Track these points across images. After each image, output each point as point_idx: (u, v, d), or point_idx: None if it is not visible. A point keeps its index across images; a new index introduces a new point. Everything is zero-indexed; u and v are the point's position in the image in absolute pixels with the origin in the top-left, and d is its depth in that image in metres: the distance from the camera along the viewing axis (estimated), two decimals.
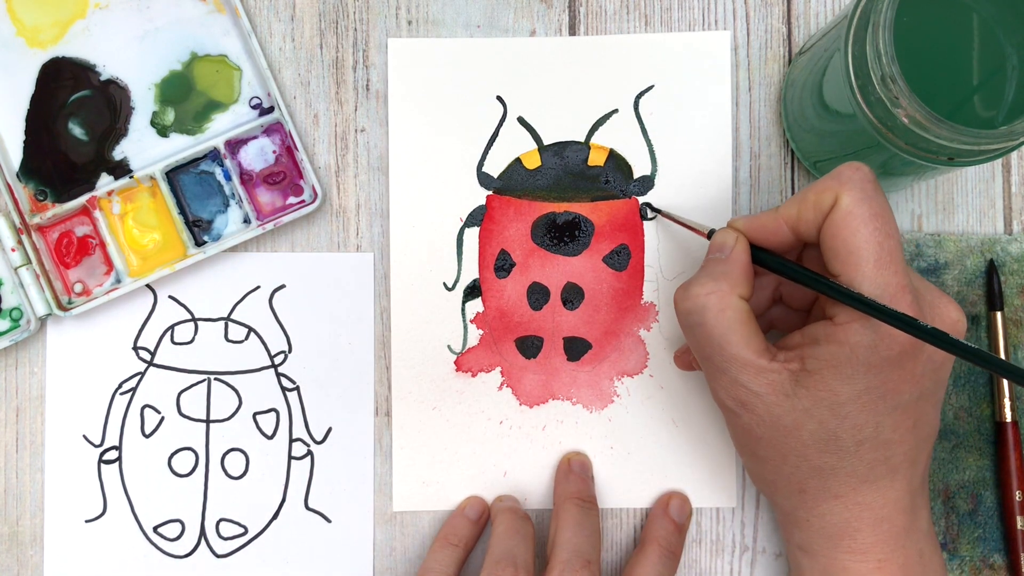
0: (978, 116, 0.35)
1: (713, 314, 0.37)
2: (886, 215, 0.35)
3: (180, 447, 0.45)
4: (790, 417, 0.36)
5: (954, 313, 0.37)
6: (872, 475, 0.37)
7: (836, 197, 0.36)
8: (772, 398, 0.36)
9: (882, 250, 0.35)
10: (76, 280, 0.45)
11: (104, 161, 0.45)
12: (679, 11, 0.46)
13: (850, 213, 0.35)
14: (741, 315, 0.37)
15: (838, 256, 0.35)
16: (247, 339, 0.46)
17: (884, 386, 0.35)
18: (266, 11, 0.46)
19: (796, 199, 0.37)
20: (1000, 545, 0.45)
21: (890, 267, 0.35)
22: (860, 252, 0.35)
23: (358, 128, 0.46)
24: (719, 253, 0.39)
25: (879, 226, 0.35)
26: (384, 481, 0.45)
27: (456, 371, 0.46)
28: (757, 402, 0.37)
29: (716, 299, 0.37)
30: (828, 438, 0.36)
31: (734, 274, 0.38)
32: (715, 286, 0.37)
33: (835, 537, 0.38)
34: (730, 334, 0.37)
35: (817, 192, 0.36)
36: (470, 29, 0.46)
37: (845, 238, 0.35)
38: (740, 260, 0.38)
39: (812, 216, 0.36)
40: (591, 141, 0.46)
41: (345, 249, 0.46)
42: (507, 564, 0.40)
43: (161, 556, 0.45)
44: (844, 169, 0.36)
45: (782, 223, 0.38)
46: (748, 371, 0.36)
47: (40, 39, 0.46)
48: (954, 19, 0.35)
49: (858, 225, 0.35)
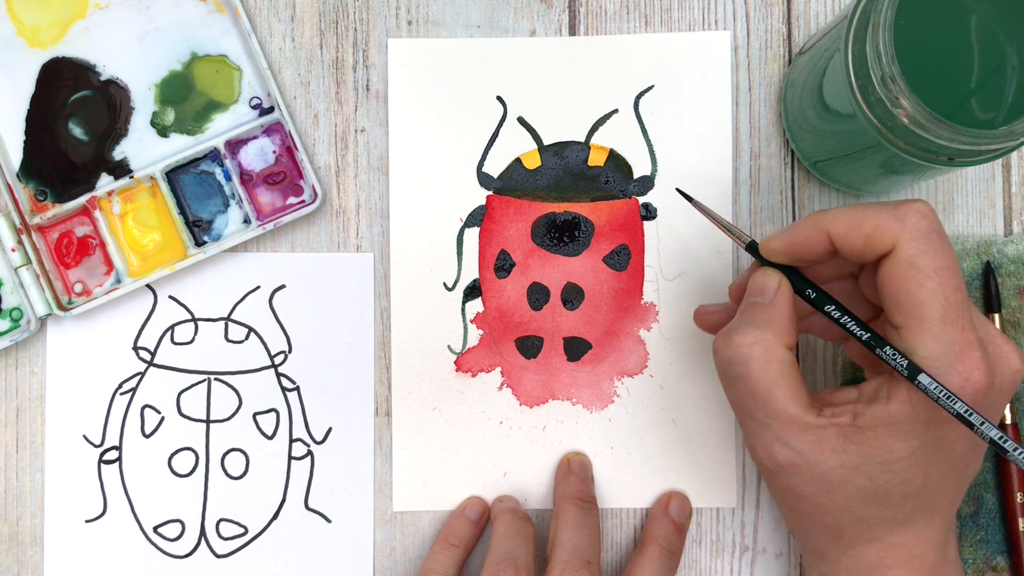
0: (978, 116, 0.35)
1: (758, 366, 0.35)
2: (952, 267, 0.33)
3: (180, 447, 0.45)
4: (836, 474, 0.35)
5: (1015, 363, 0.35)
6: (911, 518, 0.36)
7: (896, 243, 0.33)
8: (817, 456, 0.35)
9: (948, 305, 0.33)
10: (76, 280, 0.45)
11: (104, 161, 0.45)
12: (679, 11, 0.46)
13: (913, 266, 0.33)
14: (787, 368, 0.35)
15: (900, 307, 0.33)
16: (247, 339, 0.46)
17: (939, 441, 0.34)
18: (266, 11, 0.46)
19: (848, 218, 0.34)
20: (1003, 547, 0.45)
21: (956, 323, 0.33)
22: (924, 307, 0.33)
23: (358, 128, 0.46)
24: (760, 297, 0.36)
25: (945, 280, 0.33)
26: (384, 481, 0.45)
27: (456, 371, 0.46)
28: (800, 461, 0.35)
29: (761, 350, 0.35)
30: (876, 491, 0.35)
31: (779, 322, 0.35)
32: (760, 335, 0.35)
33: (865, 574, 0.37)
34: (776, 389, 0.35)
35: (875, 227, 0.34)
36: (470, 29, 0.46)
37: (909, 290, 0.33)
38: (784, 306, 0.36)
39: (861, 248, 0.34)
40: (591, 141, 0.46)
41: (345, 249, 0.46)
42: (508, 565, 0.40)
43: (161, 556, 0.45)
44: (910, 214, 0.33)
45: (826, 238, 0.35)
46: (793, 428, 0.35)
47: (40, 39, 0.46)
48: (954, 19, 0.35)
49: (922, 279, 0.33)
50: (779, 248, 0.36)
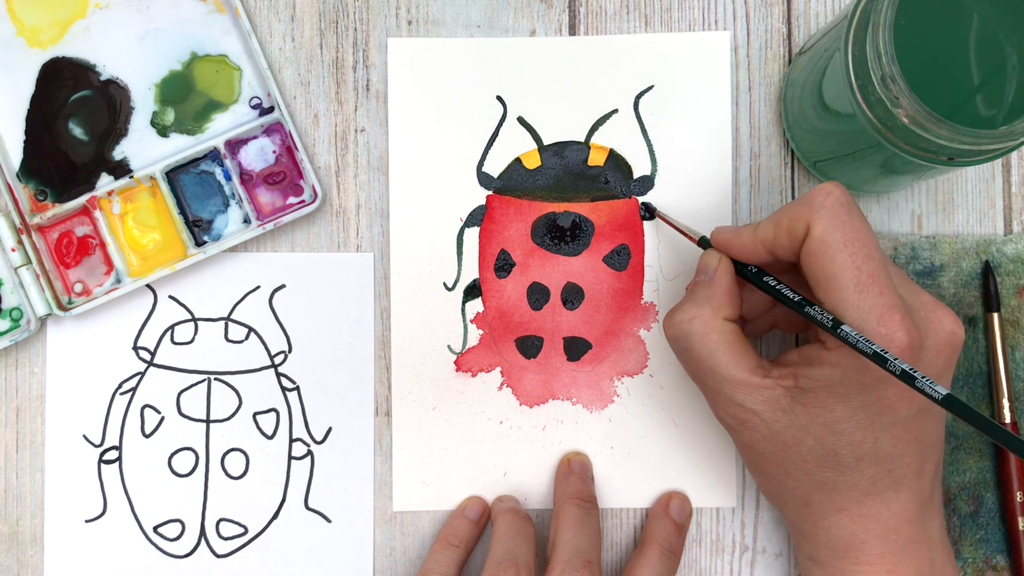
0: (978, 116, 0.35)
1: (698, 339, 0.38)
2: (862, 237, 0.35)
3: (180, 447, 0.45)
4: (789, 432, 0.37)
5: (949, 324, 0.36)
6: (875, 488, 0.37)
7: (808, 225, 0.35)
8: (769, 414, 0.37)
9: (861, 274, 0.34)
10: (76, 280, 0.45)
11: (104, 161, 0.45)
12: (679, 11, 0.46)
13: (823, 241, 0.35)
14: (727, 336, 0.38)
15: (819, 284, 0.35)
16: (247, 339, 0.46)
17: (879, 403, 0.35)
18: (266, 11, 0.46)
19: (772, 222, 0.37)
20: (1002, 546, 0.45)
21: (872, 289, 0.34)
22: (838, 279, 0.35)
23: (358, 128, 0.46)
24: (703, 276, 0.39)
25: (856, 250, 0.35)
26: (384, 481, 0.45)
27: (456, 371, 0.46)
28: (755, 419, 0.37)
29: (699, 324, 0.38)
30: (827, 454, 0.36)
31: (716, 297, 0.38)
32: (697, 311, 0.38)
33: (842, 549, 0.38)
34: (717, 355, 0.37)
35: (790, 219, 0.36)
36: (470, 29, 0.46)
37: (823, 266, 0.35)
38: (722, 282, 0.39)
39: (787, 242, 0.37)
40: (591, 141, 0.46)
41: (345, 249, 0.46)
42: (509, 565, 0.40)
43: (161, 556, 0.45)
44: (815, 195, 0.36)
45: (759, 245, 0.38)
46: (742, 389, 0.37)
47: (40, 39, 0.46)
48: (954, 19, 0.35)
49: (833, 253, 0.35)
50: (722, 240, 0.39)
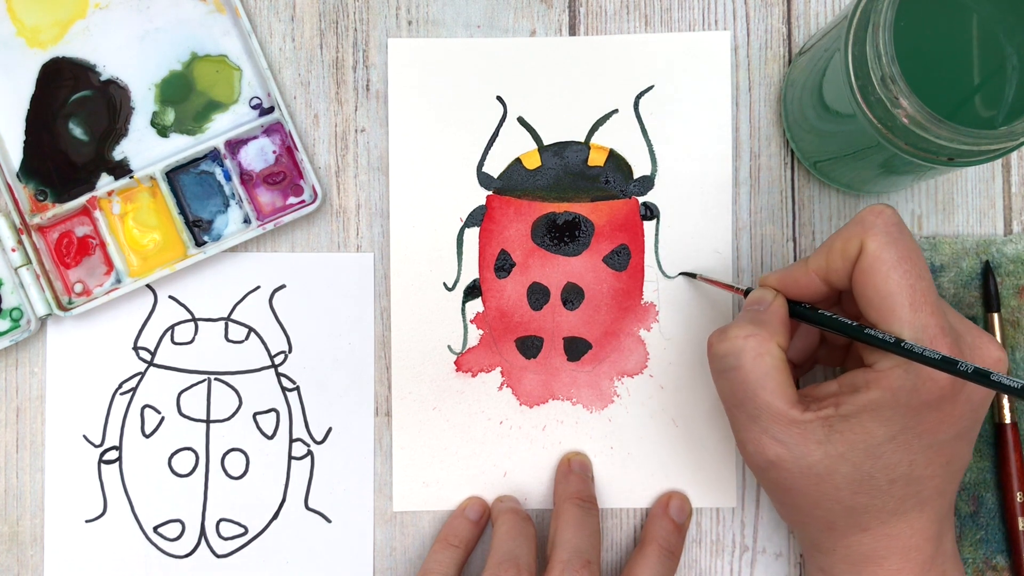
0: (978, 116, 0.35)
1: (750, 358, 0.37)
2: (914, 256, 0.35)
3: (180, 447, 0.45)
4: (823, 464, 0.36)
5: (995, 352, 0.36)
6: (902, 508, 0.37)
7: (862, 243, 0.35)
8: (803, 449, 0.36)
9: (915, 292, 0.34)
10: (76, 280, 0.45)
11: (104, 161, 0.45)
12: (679, 11, 0.46)
13: (878, 259, 0.35)
14: (778, 363, 0.37)
15: (872, 303, 0.35)
16: (247, 339, 0.46)
17: (920, 427, 0.35)
18: (266, 11, 0.46)
19: (823, 249, 0.37)
20: (1003, 547, 0.45)
21: (925, 308, 0.34)
22: (894, 297, 0.34)
23: (358, 128, 0.46)
24: (757, 306, 0.39)
25: (909, 268, 0.35)
26: (384, 481, 0.45)
27: (456, 371, 0.46)
28: (787, 455, 0.36)
29: (755, 343, 0.37)
30: (862, 479, 0.36)
31: (773, 323, 0.37)
32: (754, 330, 0.37)
33: (860, 564, 0.38)
34: (766, 380, 0.36)
35: (843, 240, 0.36)
36: (470, 29, 0.46)
37: (876, 284, 0.35)
38: (779, 312, 0.38)
39: (840, 264, 0.36)
40: (591, 141, 0.46)
41: (345, 249, 0.46)
42: (510, 565, 0.40)
43: (161, 556, 0.45)
44: (867, 214, 0.36)
45: (813, 275, 0.37)
46: (780, 422, 0.36)
47: (40, 39, 0.46)
48: (954, 19, 0.35)
49: (888, 270, 0.35)
50: (773, 282, 0.39)
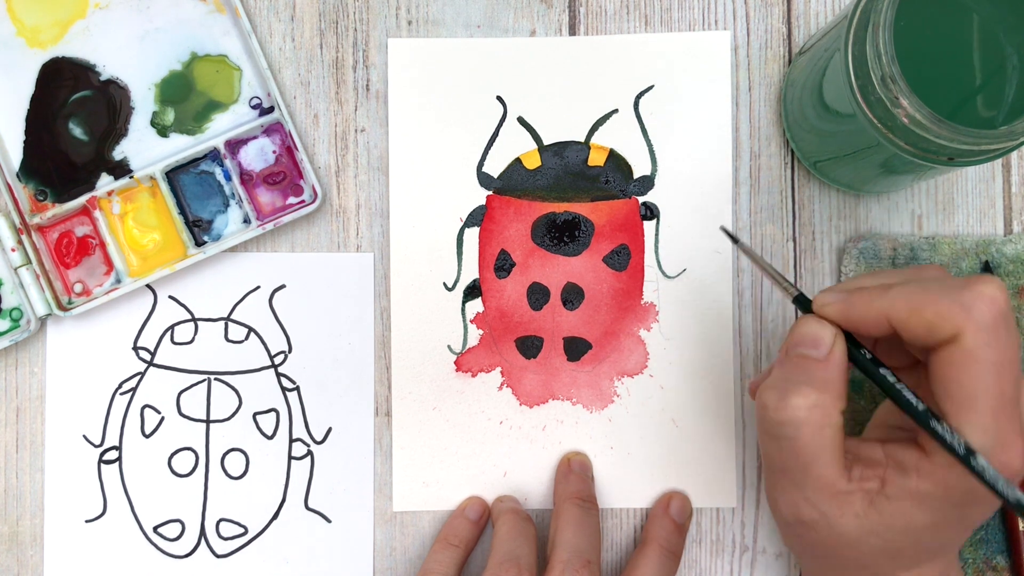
0: (978, 116, 0.35)
1: (812, 432, 0.33)
2: (1014, 358, 0.31)
3: (180, 447, 0.45)
4: (854, 535, 0.34)
5: None
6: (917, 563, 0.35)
7: (958, 332, 0.31)
8: (839, 519, 0.34)
9: (1004, 400, 0.31)
10: (76, 280, 0.45)
11: (104, 161, 0.45)
12: (679, 11, 0.46)
13: (973, 357, 0.31)
14: (837, 433, 0.33)
15: (951, 398, 0.31)
16: (247, 339, 0.46)
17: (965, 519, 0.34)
18: (266, 11, 0.46)
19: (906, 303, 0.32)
20: (1003, 547, 0.45)
21: (1004, 414, 0.31)
22: (978, 400, 0.31)
23: (358, 128, 0.46)
24: (813, 350, 0.33)
25: (1004, 373, 0.31)
26: (384, 481, 0.45)
27: (456, 371, 0.46)
28: (822, 521, 0.34)
29: (819, 415, 0.33)
30: (892, 553, 0.34)
31: (837, 385, 0.33)
32: (819, 399, 0.33)
33: None
34: (824, 455, 0.33)
35: (937, 315, 0.31)
36: (470, 29, 0.46)
37: (963, 382, 0.31)
38: (840, 364, 0.33)
39: (922, 334, 0.32)
40: (591, 141, 0.46)
41: (345, 249, 0.46)
42: (510, 565, 0.40)
43: (161, 556, 0.45)
44: (975, 300, 0.31)
45: (886, 322, 0.33)
46: (825, 492, 0.33)
47: (40, 39, 0.46)
48: (954, 19, 0.35)
49: (981, 373, 0.31)
50: (834, 316, 0.34)
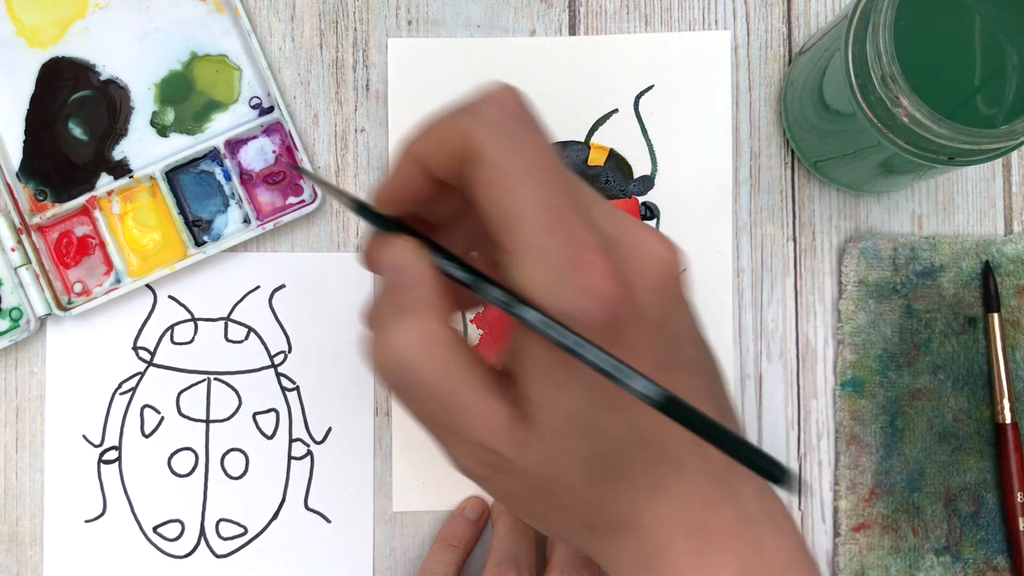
0: (978, 116, 0.35)
1: (432, 361, 0.27)
2: (547, 163, 0.26)
3: (180, 447, 0.45)
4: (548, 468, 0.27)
5: (658, 249, 0.27)
6: (656, 482, 0.28)
7: (476, 145, 0.26)
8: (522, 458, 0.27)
9: (558, 212, 0.26)
10: (76, 280, 0.45)
11: (104, 161, 0.45)
12: (679, 11, 0.46)
13: (498, 168, 0.26)
14: (465, 353, 0.28)
15: (493, 221, 0.26)
16: (247, 339, 0.46)
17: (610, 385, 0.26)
18: (266, 11, 0.46)
19: (427, 136, 0.27)
20: (1003, 547, 0.45)
21: (563, 230, 0.25)
22: (520, 218, 0.26)
23: (358, 128, 0.46)
24: (401, 276, 0.28)
25: (545, 180, 0.26)
26: (384, 481, 0.45)
27: None
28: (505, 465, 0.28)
29: (430, 342, 0.27)
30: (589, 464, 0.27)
31: (430, 299, 0.27)
32: (417, 324, 0.27)
33: (651, 567, 0.28)
34: (462, 383, 0.27)
35: (451, 132, 0.27)
36: (470, 29, 0.46)
37: (501, 202, 0.26)
38: (431, 279, 0.28)
39: (452, 163, 0.27)
40: (591, 141, 0.46)
41: (345, 249, 0.46)
42: (510, 565, 0.40)
43: (161, 556, 0.45)
44: (483, 105, 0.27)
45: (429, 172, 0.28)
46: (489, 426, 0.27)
47: (40, 39, 0.46)
48: (954, 19, 0.35)
49: (512, 183, 0.26)
50: (389, 197, 0.29)
